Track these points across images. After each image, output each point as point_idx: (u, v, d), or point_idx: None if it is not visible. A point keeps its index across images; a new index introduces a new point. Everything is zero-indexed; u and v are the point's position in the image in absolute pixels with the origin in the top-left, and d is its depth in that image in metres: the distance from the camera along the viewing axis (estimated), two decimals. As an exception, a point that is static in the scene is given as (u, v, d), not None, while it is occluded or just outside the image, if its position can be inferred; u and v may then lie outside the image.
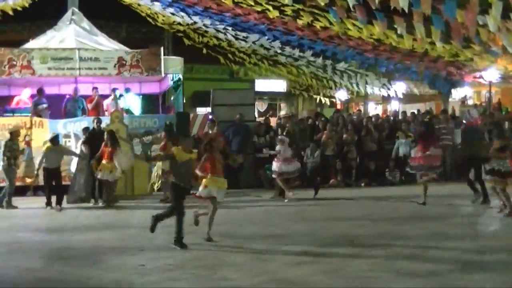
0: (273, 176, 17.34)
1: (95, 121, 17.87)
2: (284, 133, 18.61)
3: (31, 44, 22.31)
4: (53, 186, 16.17)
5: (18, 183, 18.89)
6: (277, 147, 17.32)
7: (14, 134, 17.03)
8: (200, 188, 10.81)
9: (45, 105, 20.29)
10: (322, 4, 14.29)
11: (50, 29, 22.95)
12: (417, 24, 13.88)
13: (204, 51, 25.69)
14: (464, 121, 17.81)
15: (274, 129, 21.60)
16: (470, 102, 35.15)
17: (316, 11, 16.00)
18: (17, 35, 34.36)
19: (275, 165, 17.06)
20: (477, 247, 9.82)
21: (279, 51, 22.40)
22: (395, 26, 14.81)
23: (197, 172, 10.87)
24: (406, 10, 12.87)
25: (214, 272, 8.35)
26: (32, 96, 21.54)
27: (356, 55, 21.56)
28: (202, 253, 9.61)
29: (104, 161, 16.22)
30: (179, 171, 10.63)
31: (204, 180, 10.77)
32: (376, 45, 19.38)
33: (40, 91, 20.92)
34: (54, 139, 16.51)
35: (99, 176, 16.24)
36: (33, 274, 8.50)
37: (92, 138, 17.05)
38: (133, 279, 8.09)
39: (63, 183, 18.09)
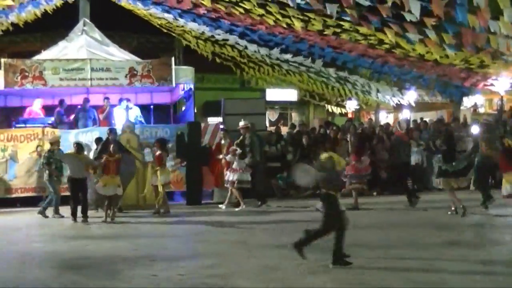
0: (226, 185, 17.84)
1: (108, 131, 17.43)
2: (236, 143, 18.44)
3: (43, 55, 22.42)
4: (78, 197, 15.45)
5: (30, 194, 19.05)
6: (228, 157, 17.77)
7: (54, 144, 16.98)
8: None
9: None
10: (330, 12, 14.25)
11: (62, 40, 23.05)
12: (429, 31, 13.84)
13: (217, 60, 25.72)
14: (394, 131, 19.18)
15: (285, 138, 21.60)
16: (481, 110, 35.04)
17: (327, 19, 15.98)
18: (29, 46, 34.50)
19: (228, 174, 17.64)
20: (489, 255, 9.77)
21: (290, 60, 22.38)
22: (407, 34, 14.77)
23: None
24: (418, 17, 12.83)
25: (226, 282, 8.33)
26: (44, 107, 21.71)
27: (367, 63, 21.55)
28: (214, 262, 9.59)
29: (108, 176, 15.43)
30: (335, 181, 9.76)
31: None
32: (386, 53, 19.35)
33: (62, 102, 21.06)
34: (79, 147, 15.91)
35: (101, 192, 15.44)
36: (47, 284, 8.50)
37: (107, 149, 16.83)
38: (146, 289, 8.10)
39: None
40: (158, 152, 16.83)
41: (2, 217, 16.93)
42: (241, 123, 18.64)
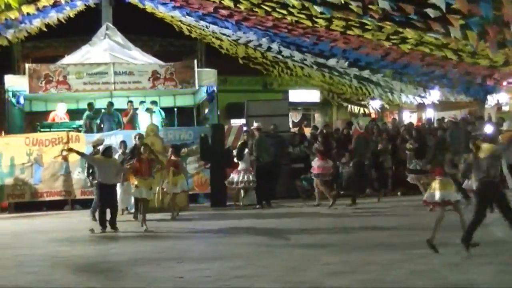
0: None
1: (137, 136, 16.75)
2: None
3: (67, 59, 22.59)
4: (106, 204, 14.18)
5: (56, 197, 19.19)
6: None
7: (97, 147, 16.43)
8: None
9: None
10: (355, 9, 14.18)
11: (85, 44, 23.20)
12: (453, 29, 13.74)
13: (240, 61, 25.73)
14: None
15: (308, 139, 21.55)
16: (506, 108, 34.65)
17: (351, 18, 15.90)
18: (53, 51, 34.76)
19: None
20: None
21: (312, 60, 22.33)
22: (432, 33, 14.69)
23: None
24: (444, 9, 12.70)
25: (252, 283, 8.32)
26: (68, 111, 21.88)
27: (390, 64, 21.44)
28: (239, 264, 9.58)
29: (140, 178, 14.52)
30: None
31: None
32: (409, 52, 19.23)
33: (90, 105, 21.21)
34: (107, 151, 14.55)
35: (133, 195, 15.10)
36: (74, 287, 8.55)
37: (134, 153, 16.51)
38: (172, 291, 8.11)
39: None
40: (173, 157, 16.43)
41: (28, 220, 17.06)
42: (255, 124, 18.76)
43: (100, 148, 15.54)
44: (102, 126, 20.73)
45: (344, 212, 16.43)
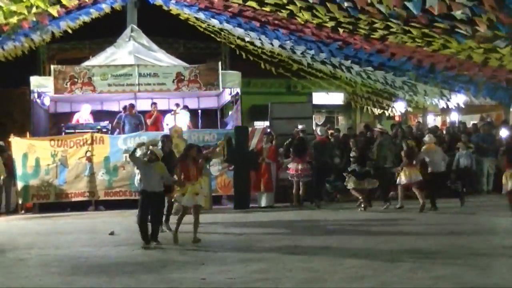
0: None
1: (164, 139, 15.07)
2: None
3: (92, 61, 22.72)
4: (147, 215, 12.25)
5: (80, 198, 19.31)
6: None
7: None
8: None
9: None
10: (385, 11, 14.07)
11: (110, 46, 23.32)
12: (481, 32, 13.62)
13: (262, 65, 25.70)
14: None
15: (332, 142, 21.48)
16: (532, 112, 34.33)
17: (376, 20, 15.79)
18: (78, 53, 35.08)
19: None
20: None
21: (336, 64, 22.21)
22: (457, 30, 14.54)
23: None
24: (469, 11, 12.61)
25: (275, 286, 8.29)
26: (92, 113, 22.02)
27: (414, 67, 21.28)
28: (263, 267, 9.55)
29: (189, 182, 12.51)
30: None
31: None
32: (433, 53, 19.05)
33: (125, 108, 21.39)
34: (154, 156, 12.29)
35: (181, 203, 12.67)
36: (97, 288, 8.60)
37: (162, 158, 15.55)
38: (195, 293, 8.10)
39: (123, 197, 18.41)
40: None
41: (52, 221, 17.16)
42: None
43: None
44: (123, 127, 20.88)
45: (366, 216, 16.36)
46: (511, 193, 13.81)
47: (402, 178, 17.00)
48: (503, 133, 22.63)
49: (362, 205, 17.52)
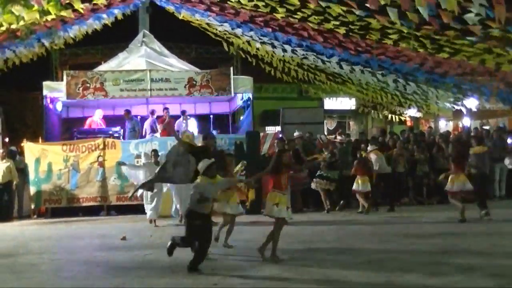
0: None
1: (210, 138, 14.65)
2: None
3: (104, 66, 22.85)
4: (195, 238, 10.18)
5: (92, 203, 19.37)
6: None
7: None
8: None
9: None
10: (393, 18, 14.03)
11: (122, 51, 23.41)
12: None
13: (272, 72, 25.68)
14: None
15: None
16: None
17: (387, 24, 15.76)
18: (90, 58, 35.26)
19: None
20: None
21: (348, 72, 22.19)
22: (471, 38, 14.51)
23: None
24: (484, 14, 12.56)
25: (289, 290, 8.29)
26: (104, 118, 22.10)
27: (425, 74, 21.25)
28: (276, 272, 9.53)
29: (279, 192, 10.72)
30: None
31: None
32: (445, 60, 19.00)
33: (153, 112, 21.62)
34: (210, 169, 10.43)
35: (276, 215, 10.73)
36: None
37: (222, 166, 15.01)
38: (207, 298, 8.10)
39: (135, 202, 18.40)
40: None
41: (64, 226, 17.22)
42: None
43: None
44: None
45: (383, 220, 16.36)
46: None
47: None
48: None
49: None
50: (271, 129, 32.19)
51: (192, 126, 21.92)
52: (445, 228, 14.26)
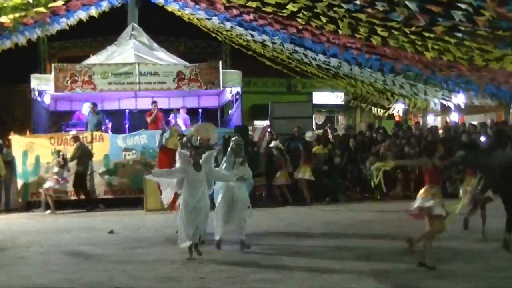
0: None
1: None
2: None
3: (92, 59, 22.75)
4: None
5: (80, 196, 19.30)
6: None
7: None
8: None
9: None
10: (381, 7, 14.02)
11: (111, 45, 23.34)
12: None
13: (267, 62, 25.69)
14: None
15: (332, 142, 21.51)
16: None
17: (376, 21, 15.74)
18: (79, 51, 35.12)
19: None
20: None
21: (335, 66, 22.20)
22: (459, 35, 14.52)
23: None
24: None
25: (276, 286, 8.30)
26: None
27: (413, 71, 21.30)
28: (263, 266, 9.56)
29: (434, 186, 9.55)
30: None
31: None
32: (433, 61, 19.00)
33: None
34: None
35: (436, 212, 9.27)
36: (97, 286, 8.59)
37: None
38: (194, 292, 8.12)
39: (122, 196, 18.32)
40: None
41: (52, 219, 17.14)
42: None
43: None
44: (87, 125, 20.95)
45: (366, 215, 16.38)
46: None
47: None
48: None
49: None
50: (260, 123, 32.20)
51: (185, 120, 21.93)
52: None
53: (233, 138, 11.94)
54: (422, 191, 9.46)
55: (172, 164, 11.60)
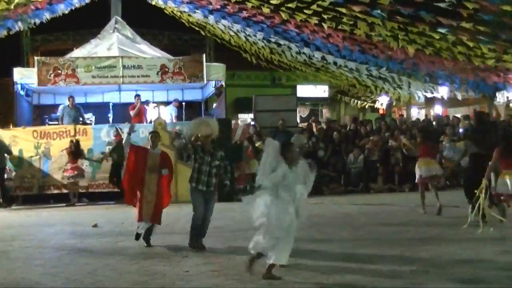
0: None
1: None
2: None
3: (76, 53, 22.67)
4: None
5: (64, 190, 19.24)
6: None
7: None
8: None
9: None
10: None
11: (94, 38, 23.26)
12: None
13: (249, 58, 25.66)
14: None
15: (316, 135, 21.55)
16: (515, 105, 34.49)
17: (359, 15, 15.79)
18: (62, 44, 34.86)
19: None
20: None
21: (320, 59, 22.23)
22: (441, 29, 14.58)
23: None
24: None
25: (259, 278, 8.30)
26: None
27: (396, 65, 21.38)
28: (246, 259, 9.56)
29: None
30: None
31: None
32: (417, 52, 19.06)
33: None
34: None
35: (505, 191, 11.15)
36: (80, 280, 8.55)
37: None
38: (178, 285, 8.09)
39: (106, 189, 18.26)
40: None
41: (36, 213, 17.10)
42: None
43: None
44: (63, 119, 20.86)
45: (350, 208, 16.43)
46: None
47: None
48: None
49: None
50: (244, 117, 32.21)
51: (171, 113, 21.97)
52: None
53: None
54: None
55: (139, 164, 11.25)
